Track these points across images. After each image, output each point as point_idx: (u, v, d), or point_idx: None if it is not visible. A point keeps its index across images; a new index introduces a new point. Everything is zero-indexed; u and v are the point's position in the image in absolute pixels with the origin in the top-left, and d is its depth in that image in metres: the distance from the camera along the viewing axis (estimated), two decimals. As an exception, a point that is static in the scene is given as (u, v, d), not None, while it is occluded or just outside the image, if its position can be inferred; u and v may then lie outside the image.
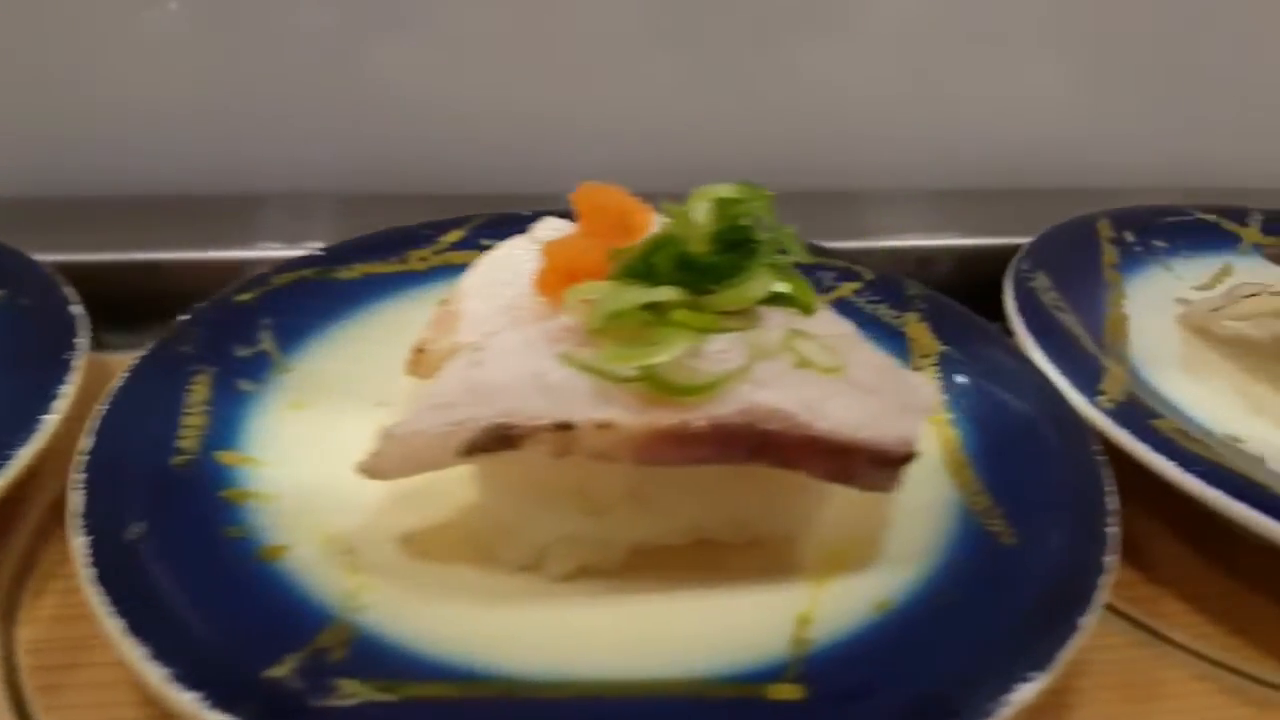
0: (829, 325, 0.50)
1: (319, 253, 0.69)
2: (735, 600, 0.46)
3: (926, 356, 0.64)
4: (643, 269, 0.46)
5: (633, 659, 0.43)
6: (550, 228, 0.59)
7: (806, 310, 0.50)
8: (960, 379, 0.61)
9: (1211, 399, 0.63)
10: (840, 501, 0.50)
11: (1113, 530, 0.48)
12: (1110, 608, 0.53)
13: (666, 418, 0.43)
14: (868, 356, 0.50)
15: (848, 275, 0.72)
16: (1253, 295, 0.66)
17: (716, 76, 0.93)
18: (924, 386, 0.51)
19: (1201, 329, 0.71)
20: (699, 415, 0.43)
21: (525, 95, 0.90)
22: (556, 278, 0.50)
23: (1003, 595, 0.45)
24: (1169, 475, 0.53)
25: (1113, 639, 0.52)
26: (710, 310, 0.47)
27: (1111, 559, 0.46)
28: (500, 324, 0.50)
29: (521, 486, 0.46)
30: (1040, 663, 0.41)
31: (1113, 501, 0.50)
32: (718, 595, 0.46)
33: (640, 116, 0.94)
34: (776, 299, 0.49)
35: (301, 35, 0.85)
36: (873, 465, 0.45)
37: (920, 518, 0.50)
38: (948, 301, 0.68)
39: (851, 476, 0.45)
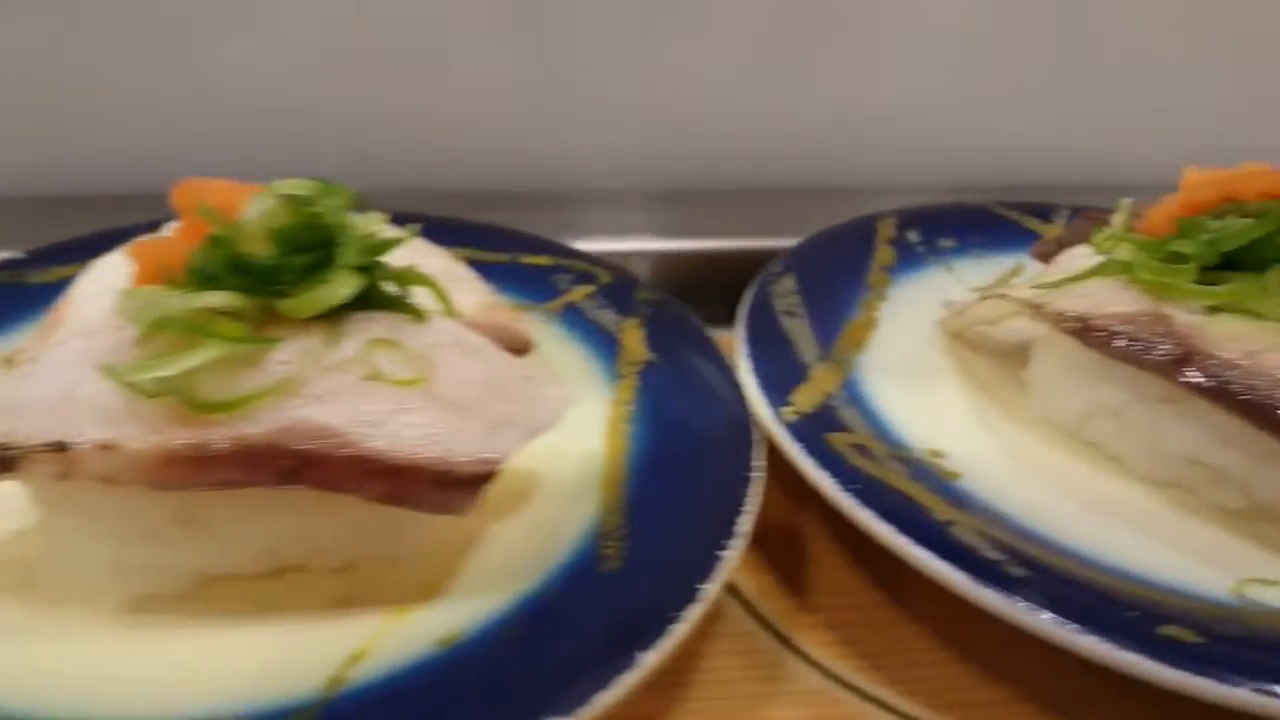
0: (437, 335, 0.47)
1: (19, 256, 0.66)
2: (290, 636, 0.42)
3: (632, 364, 0.60)
4: (197, 272, 0.43)
5: (158, 698, 0.39)
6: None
7: (415, 316, 0.47)
8: (654, 389, 0.58)
9: (930, 409, 0.59)
10: (448, 523, 0.46)
11: (728, 555, 0.45)
12: (755, 613, 0.52)
13: (183, 437, 0.39)
14: (475, 369, 0.46)
15: (585, 278, 0.68)
16: (989, 298, 0.62)
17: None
18: (549, 402, 0.48)
19: (958, 334, 0.67)
20: (222, 435, 0.40)
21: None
22: (145, 280, 0.46)
23: (573, 628, 0.42)
24: (826, 491, 0.50)
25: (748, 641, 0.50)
26: (286, 316, 0.44)
27: (709, 588, 0.43)
28: (81, 330, 0.47)
29: (74, 508, 0.43)
30: (570, 707, 0.37)
31: (744, 523, 0.47)
32: (275, 630, 0.43)
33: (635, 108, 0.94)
34: (373, 304, 0.46)
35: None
36: (439, 487, 0.42)
37: (536, 539, 0.47)
38: (677, 308, 0.65)
39: (411, 499, 0.42)
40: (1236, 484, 0.53)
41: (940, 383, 0.62)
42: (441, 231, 0.70)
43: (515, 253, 0.71)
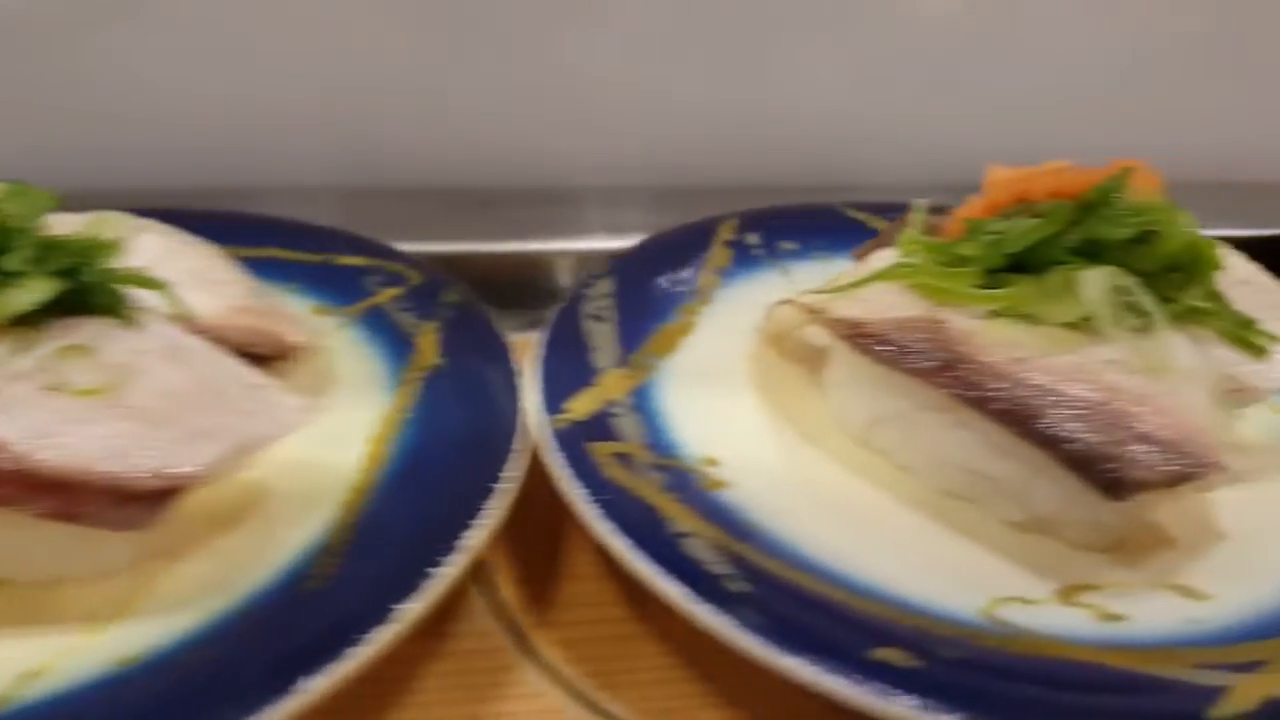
0: (145, 341, 0.45)
1: None
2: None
3: (419, 370, 0.58)
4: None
5: None
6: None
7: (125, 321, 0.45)
8: (433, 397, 0.56)
9: (720, 417, 0.57)
10: (164, 537, 0.45)
11: (441, 572, 0.43)
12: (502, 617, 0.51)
13: None
14: (181, 377, 0.44)
15: (395, 280, 0.67)
16: (783, 304, 0.60)
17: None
18: (276, 411, 0.46)
19: (775, 339, 0.66)
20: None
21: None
22: None
23: (254, 650, 0.40)
24: (572, 500, 0.48)
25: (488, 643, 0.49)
26: (-24, 325, 0.42)
27: (408, 608, 0.41)
28: None
29: None
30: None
31: (473, 537, 0.45)
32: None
33: (651, 110, 0.93)
34: (82, 308, 0.44)
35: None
36: (113, 502, 0.40)
37: (250, 555, 0.45)
38: (480, 312, 0.63)
39: (84, 515, 0.40)
40: (1014, 496, 0.51)
41: (740, 389, 0.60)
42: (251, 231, 0.70)
43: (330, 253, 0.69)
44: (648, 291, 0.67)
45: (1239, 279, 0.58)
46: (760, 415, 0.59)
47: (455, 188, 0.93)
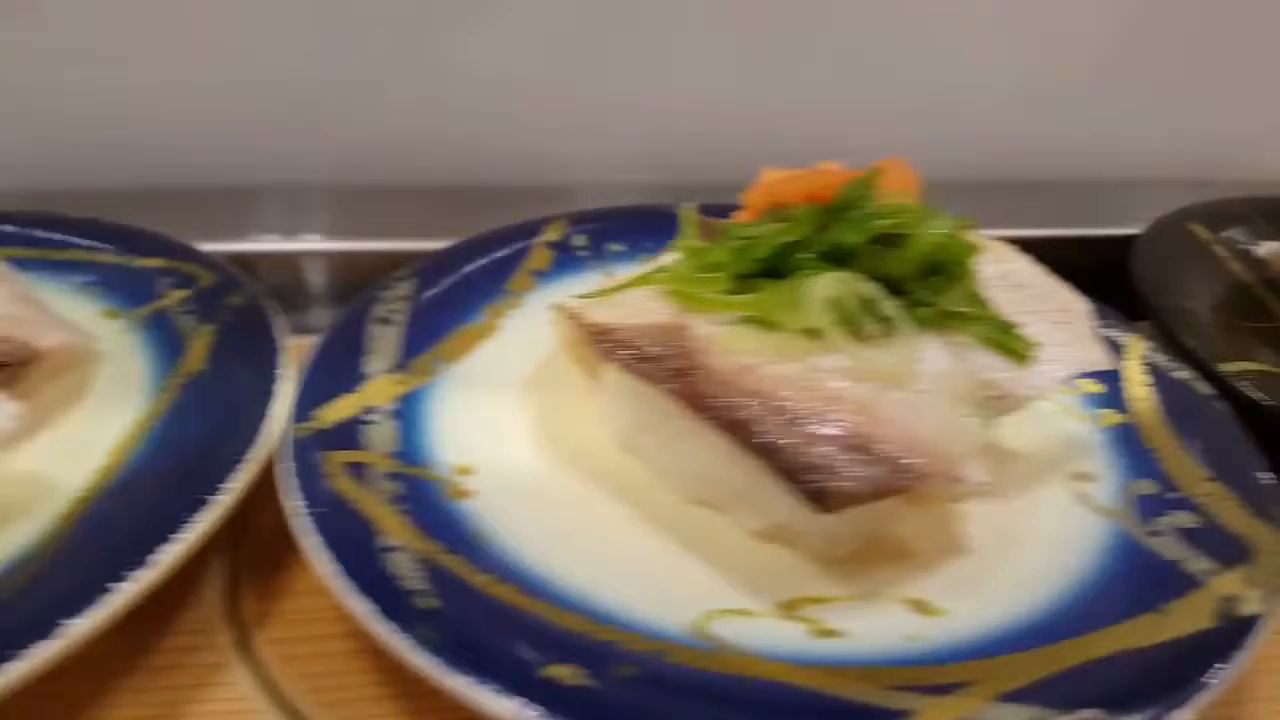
0: None
1: None
2: None
3: (182, 376, 0.57)
4: None
5: None
6: None
7: None
8: (187, 404, 0.55)
9: (494, 423, 0.56)
10: None
11: (125, 587, 0.42)
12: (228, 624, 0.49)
13: None
14: None
15: (186, 282, 0.65)
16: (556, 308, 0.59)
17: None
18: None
19: (566, 344, 0.64)
20: None
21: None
22: None
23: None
24: (289, 511, 0.47)
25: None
26: None
27: (75, 624, 0.40)
28: None
29: None
30: None
31: (164, 554, 0.44)
32: None
33: (659, 107, 0.91)
34: None
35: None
36: None
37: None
38: (262, 315, 0.62)
39: None
40: (752, 505, 0.50)
41: (522, 395, 0.59)
42: (56, 231, 0.69)
43: (130, 255, 0.68)
44: (452, 293, 0.66)
45: (1018, 282, 0.57)
46: (534, 422, 0.57)
47: (451, 186, 0.91)
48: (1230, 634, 0.43)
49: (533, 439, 0.56)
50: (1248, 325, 0.73)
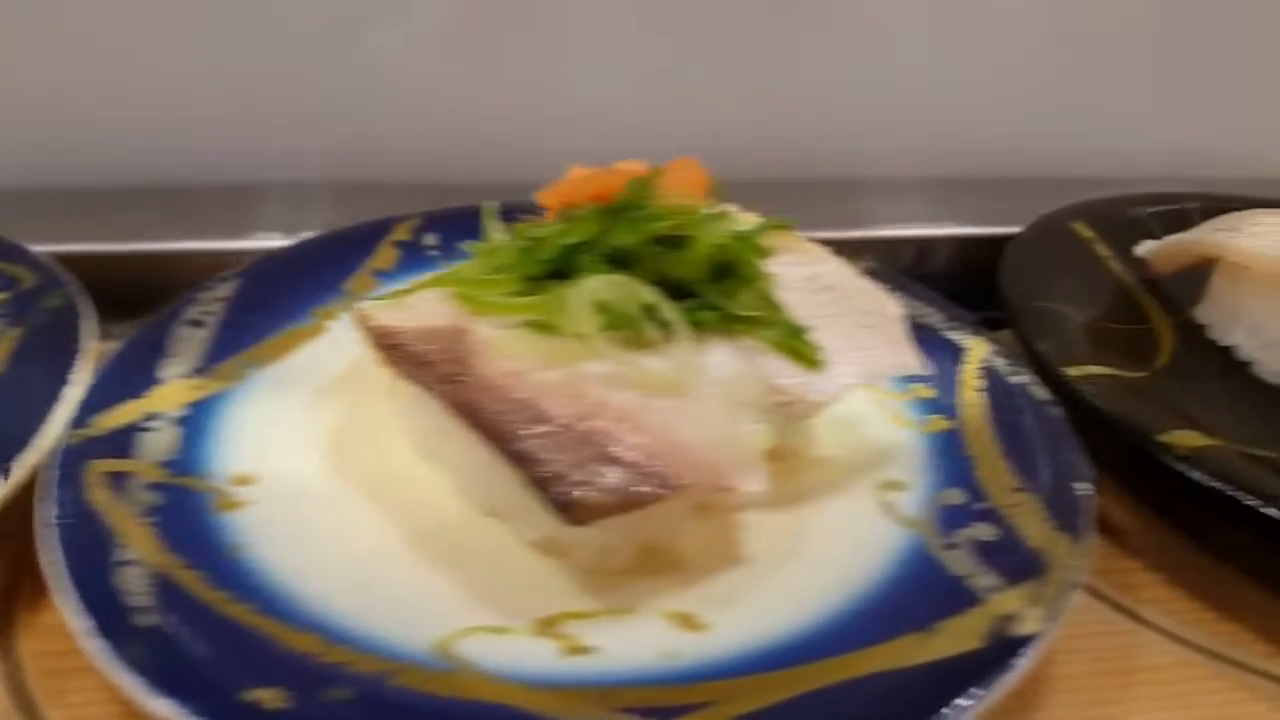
0: None
1: None
2: None
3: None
4: None
5: None
6: None
7: None
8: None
9: (292, 429, 0.54)
10: None
11: None
12: None
13: None
14: None
15: (8, 284, 0.63)
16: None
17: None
18: None
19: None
20: None
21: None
22: None
23: None
24: (38, 521, 0.45)
25: None
26: None
27: None
28: None
29: None
30: None
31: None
32: None
33: (630, 100, 0.89)
34: None
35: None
36: None
37: None
38: (73, 318, 0.59)
39: None
40: (527, 515, 0.47)
41: (333, 400, 0.57)
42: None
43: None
44: (277, 293, 0.64)
45: (827, 284, 0.54)
46: (335, 429, 0.55)
47: (449, 184, 0.87)
48: (996, 656, 0.41)
49: (329, 447, 0.54)
50: (1119, 327, 0.70)
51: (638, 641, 0.43)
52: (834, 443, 0.56)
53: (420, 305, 0.51)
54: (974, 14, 0.89)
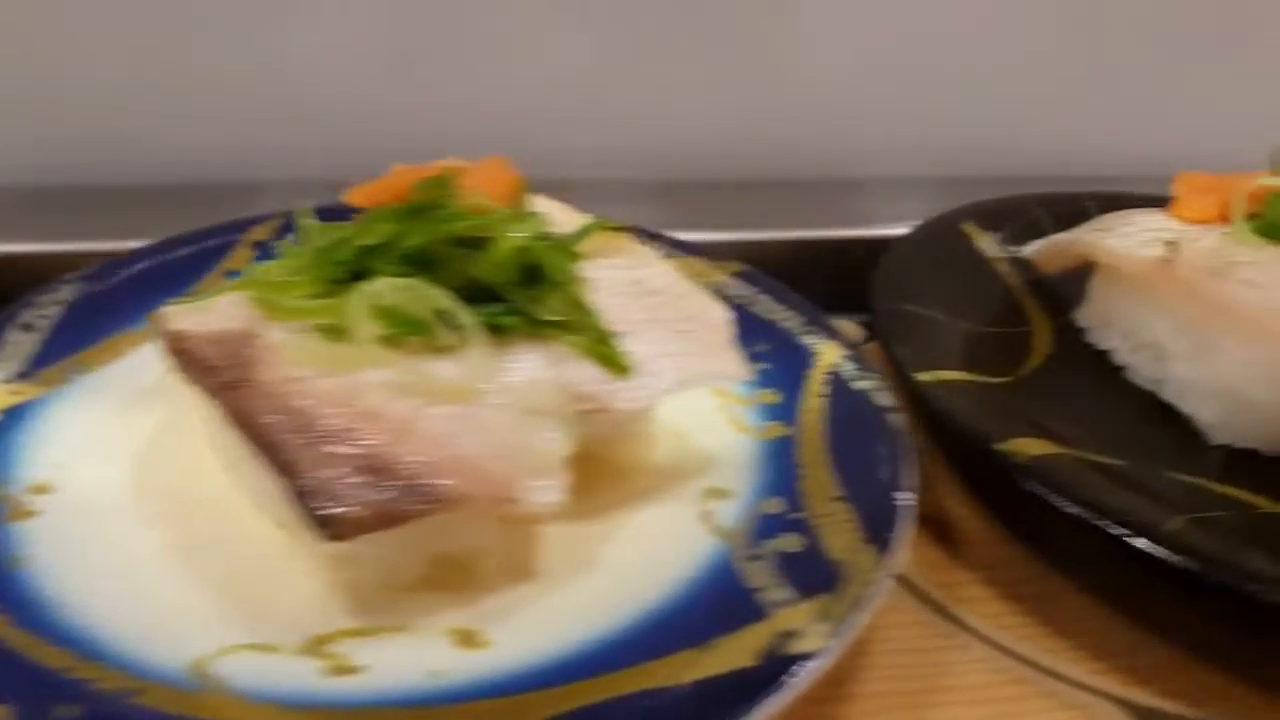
0: None
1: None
2: None
3: None
4: None
5: None
6: None
7: None
8: None
9: (108, 437, 0.53)
10: None
11: None
12: None
13: None
14: None
15: None
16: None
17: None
18: None
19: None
20: None
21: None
22: None
23: None
24: None
25: None
26: None
27: None
28: None
29: None
30: None
31: None
32: None
33: (616, 101, 0.92)
34: None
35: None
36: None
37: None
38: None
39: None
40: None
41: (151, 407, 0.55)
42: None
43: None
44: (117, 296, 0.63)
45: (651, 289, 0.53)
46: (150, 437, 0.54)
47: None
48: (766, 675, 0.39)
49: (134, 457, 0.53)
50: (992, 330, 0.69)
51: (408, 660, 0.42)
52: (665, 449, 0.55)
53: (220, 309, 0.50)
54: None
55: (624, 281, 0.52)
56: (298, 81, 0.87)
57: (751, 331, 0.64)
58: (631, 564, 0.47)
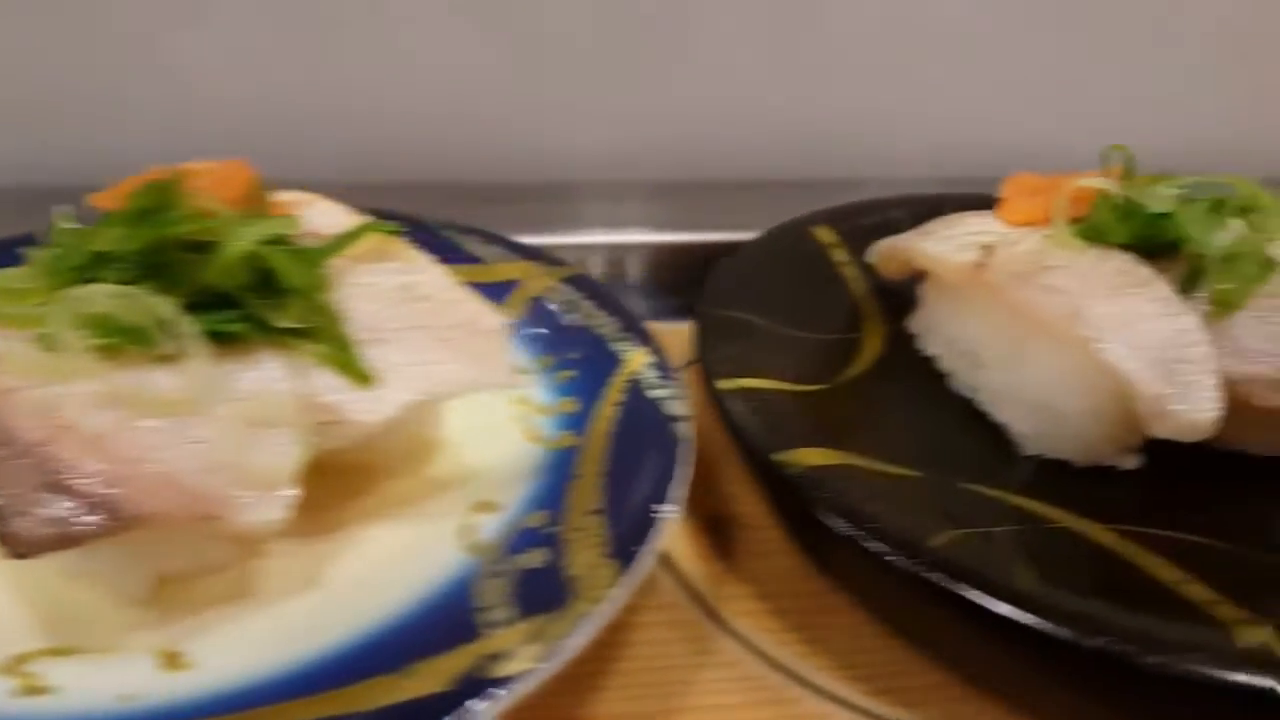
0: None
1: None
2: None
3: None
4: None
5: None
6: None
7: None
8: None
9: None
10: None
11: None
12: None
13: None
14: None
15: None
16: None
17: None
18: None
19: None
20: None
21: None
22: None
23: None
24: None
25: None
26: None
27: None
28: None
29: None
30: None
31: None
32: None
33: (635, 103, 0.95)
34: None
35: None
36: None
37: None
38: None
39: None
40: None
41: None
42: None
43: None
44: None
45: (421, 294, 0.51)
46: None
47: (457, 182, 0.94)
48: (455, 700, 0.38)
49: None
50: (818, 337, 0.66)
51: (102, 682, 0.40)
52: (445, 461, 0.54)
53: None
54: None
55: (391, 287, 0.50)
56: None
57: (567, 338, 0.63)
58: (362, 582, 0.46)
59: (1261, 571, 0.50)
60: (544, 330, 0.64)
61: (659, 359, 0.59)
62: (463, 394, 0.50)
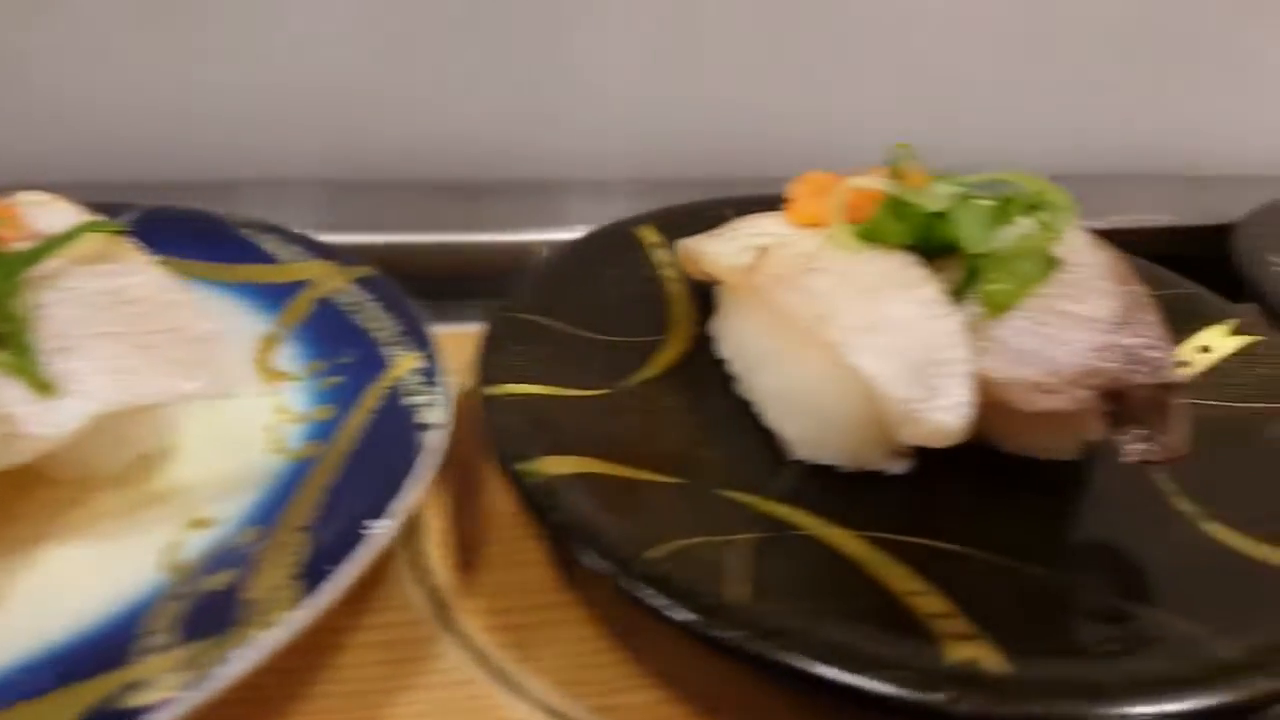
0: None
1: None
2: None
3: None
4: None
5: None
6: None
7: None
8: None
9: None
10: None
11: None
12: None
13: None
14: None
15: None
16: None
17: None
18: None
19: None
20: None
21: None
22: None
23: None
24: None
25: None
26: None
27: None
28: None
29: None
30: None
31: None
32: None
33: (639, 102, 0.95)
34: None
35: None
36: None
37: None
38: None
39: None
40: None
41: None
42: None
43: None
44: None
45: (129, 298, 0.48)
46: None
47: (439, 180, 0.93)
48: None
49: None
50: (613, 339, 0.64)
51: None
52: (170, 474, 0.51)
53: None
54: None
55: (98, 291, 0.48)
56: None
57: (343, 341, 0.61)
58: (37, 602, 0.43)
59: (1011, 583, 0.49)
60: (321, 333, 0.62)
61: (428, 364, 0.57)
62: (162, 404, 0.47)
